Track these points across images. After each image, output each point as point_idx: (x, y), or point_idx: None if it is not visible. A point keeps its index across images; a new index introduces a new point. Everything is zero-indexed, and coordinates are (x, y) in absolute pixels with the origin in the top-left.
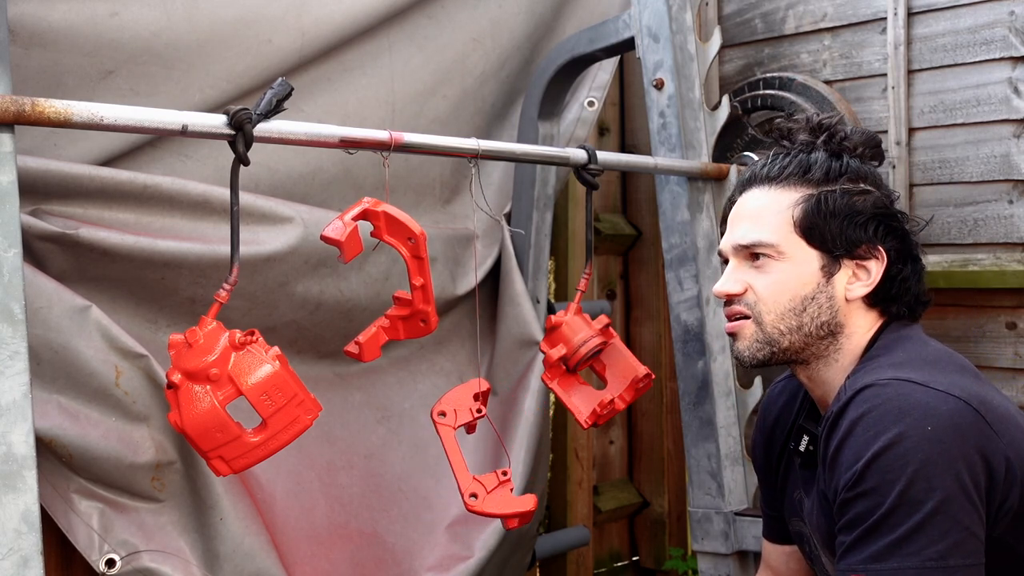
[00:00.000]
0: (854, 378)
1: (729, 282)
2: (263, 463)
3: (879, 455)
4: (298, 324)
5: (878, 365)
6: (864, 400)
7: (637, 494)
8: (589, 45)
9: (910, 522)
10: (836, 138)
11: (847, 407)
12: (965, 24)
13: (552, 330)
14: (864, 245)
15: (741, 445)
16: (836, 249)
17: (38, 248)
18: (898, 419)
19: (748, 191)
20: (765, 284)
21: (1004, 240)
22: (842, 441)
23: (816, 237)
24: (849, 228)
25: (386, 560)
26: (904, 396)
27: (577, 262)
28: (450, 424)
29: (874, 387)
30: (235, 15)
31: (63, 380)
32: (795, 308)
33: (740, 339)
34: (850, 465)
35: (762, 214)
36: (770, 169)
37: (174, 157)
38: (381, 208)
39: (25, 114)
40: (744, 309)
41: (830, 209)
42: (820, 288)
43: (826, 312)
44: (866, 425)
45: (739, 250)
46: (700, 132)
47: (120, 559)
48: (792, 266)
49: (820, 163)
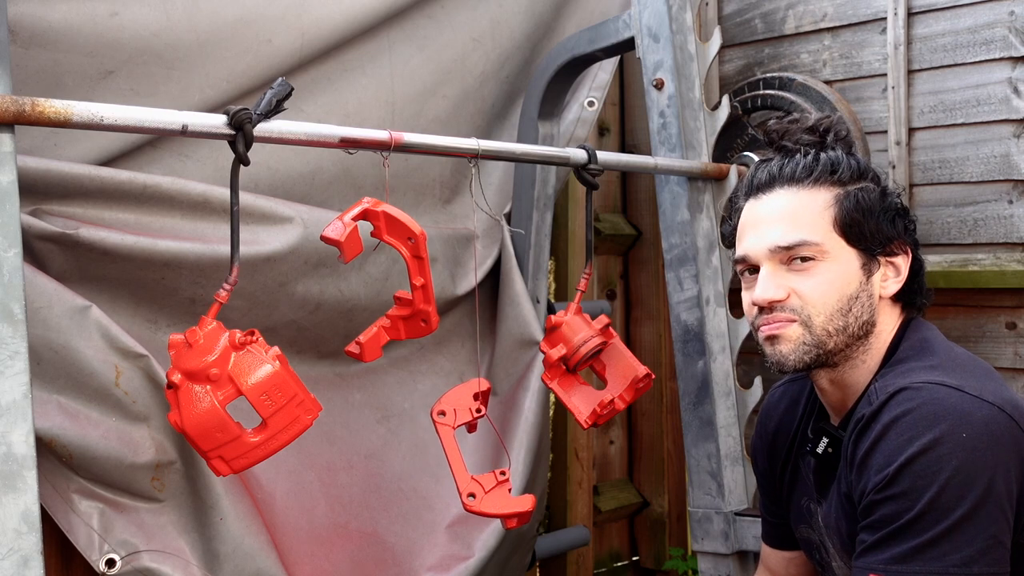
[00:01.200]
0: (884, 380)
1: (771, 288)
2: (263, 463)
3: (913, 460)
4: (298, 324)
5: (910, 368)
6: (899, 403)
7: (637, 494)
8: (589, 45)
9: (938, 528)
10: (841, 135)
11: (881, 410)
12: (965, 24)
13: (552, 330)
14: (897, 241)
15: (741, 445)
16: (874, 247)
17: (38, 248)
18: (933, 424)
19: (769, 193)
20: (812, 286)
21: (1004, 240)
22: (874, 443)
23: (855, 236)
24: (884, 224)
25: (386, 560)
26: (939, 401)
27: (577, 262)
28: (449, 424)
29: (909, 390)
30: (235, 15)
31: (63, 380)
32: (842, 308)
33: (783, 342)
34: (881, 468)
35: (798, 214)
36: (795, 169)
37: (174, 157)
38: (381, 208)
39: (25, 114)
40: (789, 316)
41: (866, 207)
42: (862, 287)
43: (867, 311)
44: (900, 429)
45: (776, 252)
46: (700, 132)
47: (120, 559)
48: (837, 266)
49: (845, 162)
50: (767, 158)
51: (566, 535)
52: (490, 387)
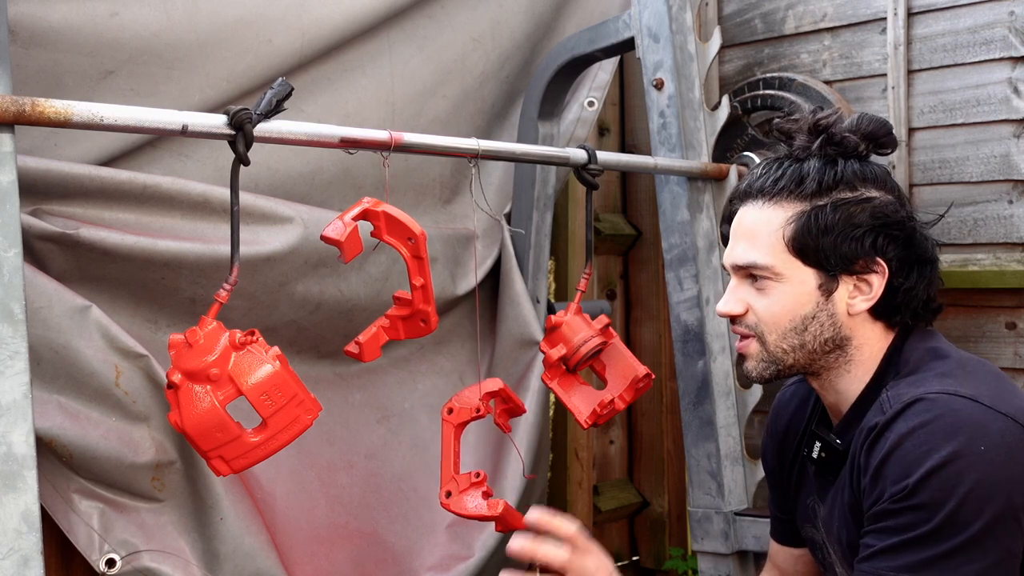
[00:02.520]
0: (897, 389)
1: (730, 302)
2: (263, 463)
3: (932, 472)
4: (298, 324)
5: (922, 377)
6: (915, 414)
7: (637, 494)
8: (589, 45)
9: (954, 541)
10: (835, 139)
11: (896, 419)
12: (965, 24)
13: (552, 330)
14: (862, 260)
15: (741, 445)
16: (832, 267)
17: (38, 248)
18: (950, 437)
19: (744, 205)
20: (765, 305)
21: (1004, 240)
22: (889, 453)
23: (810, 256)
24: (844, 244)
25: (386, 560)
26: (955, 412)
27: (577, 262)
28: (451, 421)
29: (925, 401)
30: (235, 15)
31: (63, 380)
32: (796, 328)
33: (748, 358)
34: (898, 479)
35: (756, 233)
36: (764, 182)
37: (174, 157)
38: (381, 208)
39: (25, 114)
40: (746, 331)
41: (822, 226)
42: (820, 307)
43: (828, 329)
44: (918, 440)
45: (737, 269)
46: (700, 132)
47: (120, 559)
48: (789, 287)
49: (813, 174)
50: (760, 163)
51: None
52: (502, 387)
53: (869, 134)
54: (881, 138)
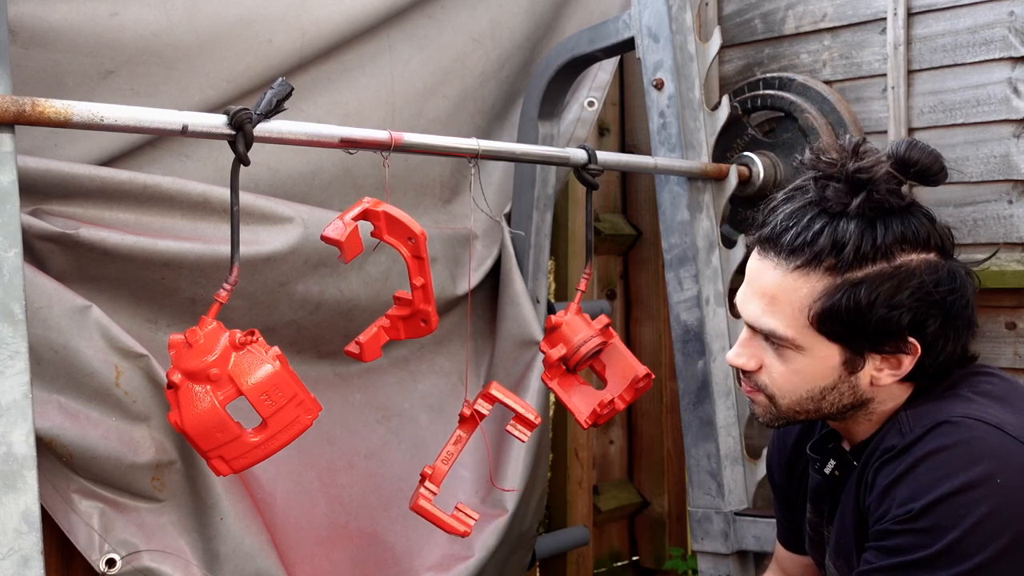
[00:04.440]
0: (918, 410)
1: (743, 356)
2: (263, 463)
3: (941, 500)
4: (298, 324)
5: (946, 397)
6: (936, 437)
7: (637, 494)
8: (589, 45)
9: (952, 570)
10: (877, 197)
11: (916, 443)
12: (965, 24)
13: (552, 330)
14: (894, 342)
15: (741, 445)
16: (860, 347)
17: (38, 248)
18: (969, 465)
19: (765, 255)
20: (781, 372)
21: (1004, 240)
22: (903, 475)
23: (836, 336)
24: (876, 327)
25: (386, 560)
26: (977, 440)
27: (577, 262)
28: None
29: (949, 424)
30: (235, 15)
31: (63, 380)
32: (813, 396)
33: (756, 405)
34: (905, 501)
35: (777, 299)
36: (791, 239)
37: (174, 157)
38: (381, 208)
39: (25, 114)
40: (755, 387)
41: (853, 309)
42: (841, 379)
43: (848, 397)
44: (933, 465)
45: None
46: (700, 132)
47: (120, 559)
48: (810, 360)
49: (850, 244)
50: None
51: (566, 535)
52: (491, 391)
53: (919, 173)
54: (933, 176)
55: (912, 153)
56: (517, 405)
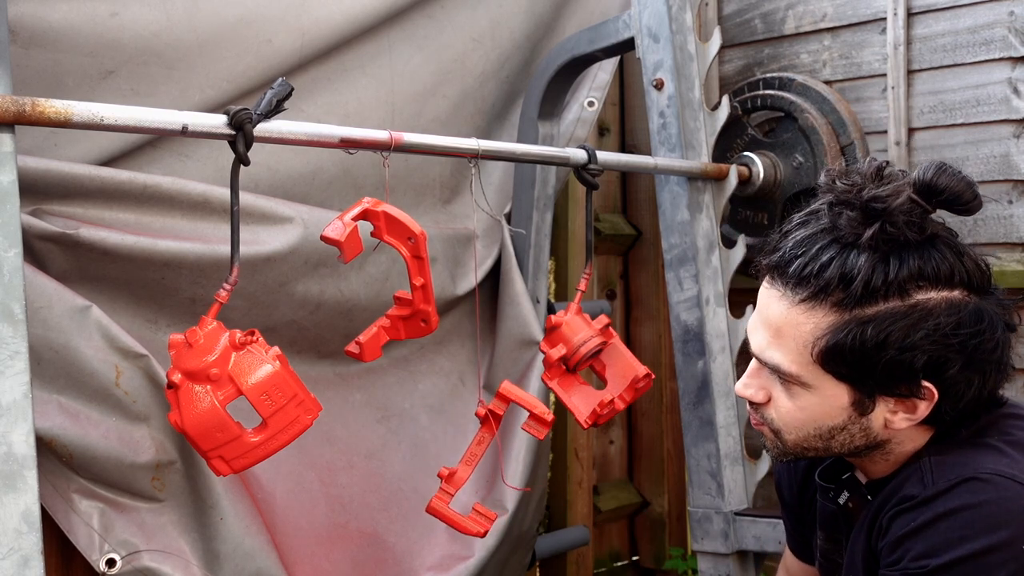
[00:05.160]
0: (942, 457)
1: (751, 388)
2: (263, 463)
3: (959, 562)
4: (298, 324)
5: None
6: (960, 495)
7: (637, 494)
8: (589, 45)
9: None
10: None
11: (937, 498)
12: (965, 24)
13: (552, 330)
14: (906, 385)
15: (741, 445)
16: (871, 389)
17: (38, 248)
18: (992, 529)
19: (772, 284)
20: (788, 409)
21: (1004, 240)
22: (920, 528)
23: (843, 376)
24: (886, 370)
25: (386, 560)
26: (1004, 501)
27: (577, 262)
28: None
29: (974, 481)
30: (235, 15)
31: (63, 380)
32: (821, 435)
33: (764, 438)
34: (920, 556)
35: (782, 332)
36: (798, 267)
37: (174, 157)
38: (381, 208)
39: (25, 114)
40: (761, 421)
41: (859, 349)
42: (852, 420)
43: (860, 439)
44: (954, 524)
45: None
46: (700, 132)
47: (120, 559)
48: (818, 399)
49: (860, 278)
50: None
51: (566, 535)
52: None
53: (948, 201)
54: (965, 204)
55: (940, 180)
56: (527, 403)
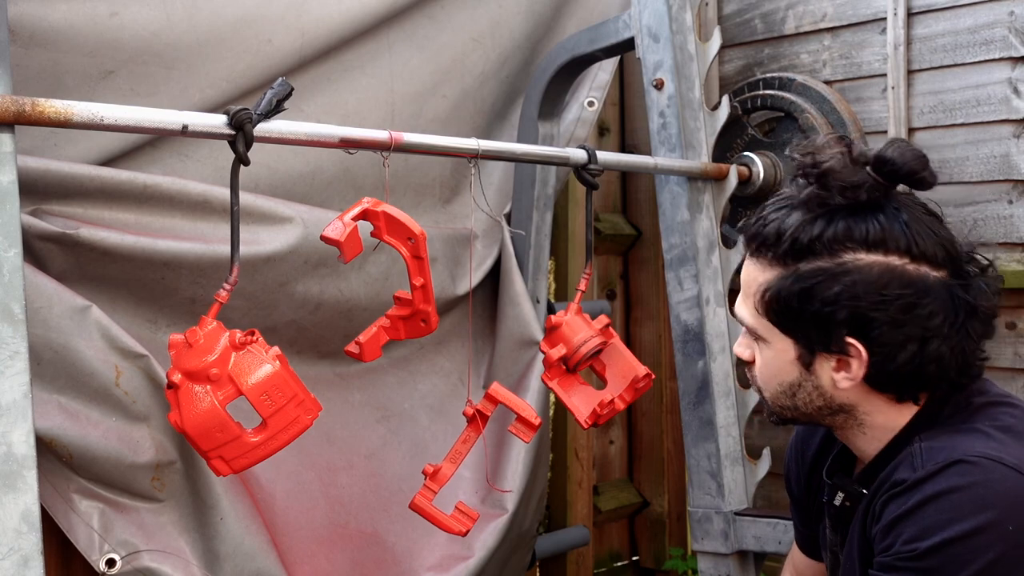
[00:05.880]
0: (932, 443)
1: (742, 345)
2: (263, 463)
3: (949, 543)
4: (298, 324)
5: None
6: (949, 477)
7: (637, 494)
8: (589, 45)
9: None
10: (825, 189)
11: (926, 480)
12: (965, 24)
13: (552, 330)
14: (834, 342)
15: (741, 445)
16: (808, 343)
17: (38, 248)
18: (980, 510)
19: (747, 248)
20: (759, 365)
21: (1004, 240)
22: (911, 512)
23: (783, 326)
24: (812, 322)
25: (386, 560)
26: (992, 483)
27: (577, 262)
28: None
29: (962, 464)
30: (235, 15)
31: (63, 380)
32: (784, 392)
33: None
34: (912, 539)
35: (747, 289)
36: (755, 228)
37: (174, 157)
38: (381, 208)
39: (25, 114)
40: (752, 382)
41: (787, 297)
42: (803, 377)
43: (818, 399)
44: (942, 506)
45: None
46: (700, 132)
47: (120, 559)
48: (772, 353)
49: (788, 234)
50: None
51: (566, 535)
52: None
53: (897, 174)
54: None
55: (888, 152)
56: (515, 405)
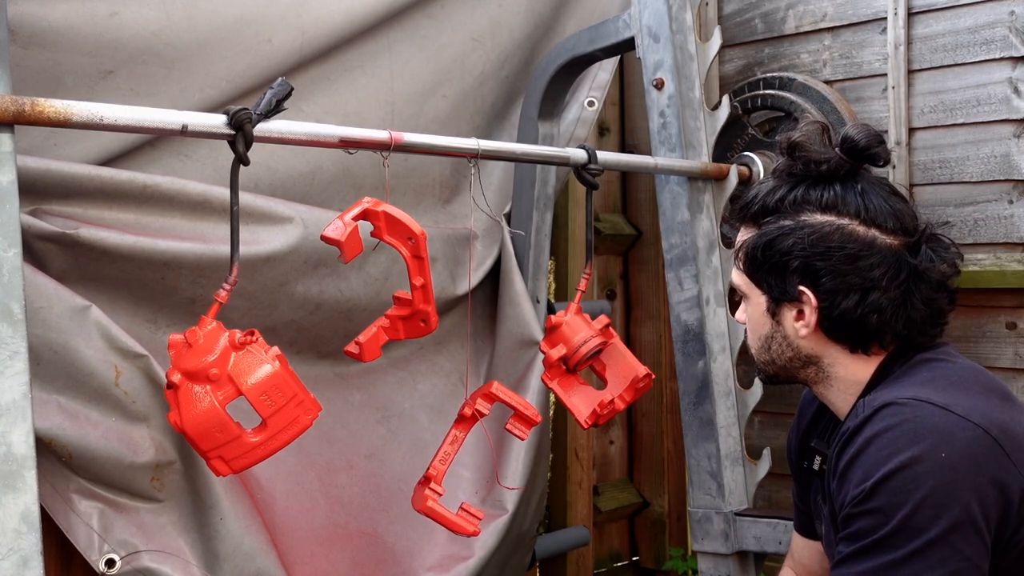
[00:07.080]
0: (873, 395)
1: (739, 310)
2: (263, 463)
3: (889, 476)
4: (298, 324)
5: (900, 384)
6: (882, 419)
7: (637, 494)
8: (589, 45)
9: (910, 546)
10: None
11: (865, 424)
12: (965, 24)
13: (552, 330)
14: (790, 289)
15: (741, 445)
16: (774, 292)
17: (38, 248)
18: (913, 442)
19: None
20: (748, 324)
21: (1004, 240)
22: (854, 457)
23: (756, 279)
24: (773, 272)
25: (386, 560)
26: (921, 419)
27: (577, 262)
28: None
29: (894, 405)
30: (235, 15)
31: (63, 380)
32: (762, 345)
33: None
34: (859, 482)
35: (735, 252)
36: (742, 202)
37: (174, 157)
38: (381, 208)
39: (25, 114)
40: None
41: (754, 248)
42: (774, 328)
43: (787, 349)
44: (880, 444)
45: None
46: (700, 132)
47: (120, 559)
48: (751, 308)
49: (759, 198)
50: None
51: (566, 535)
52: (492, 390)
53: (850, 149)
54: (864, 151)
55: (850, 132)
56: (516, 403)
